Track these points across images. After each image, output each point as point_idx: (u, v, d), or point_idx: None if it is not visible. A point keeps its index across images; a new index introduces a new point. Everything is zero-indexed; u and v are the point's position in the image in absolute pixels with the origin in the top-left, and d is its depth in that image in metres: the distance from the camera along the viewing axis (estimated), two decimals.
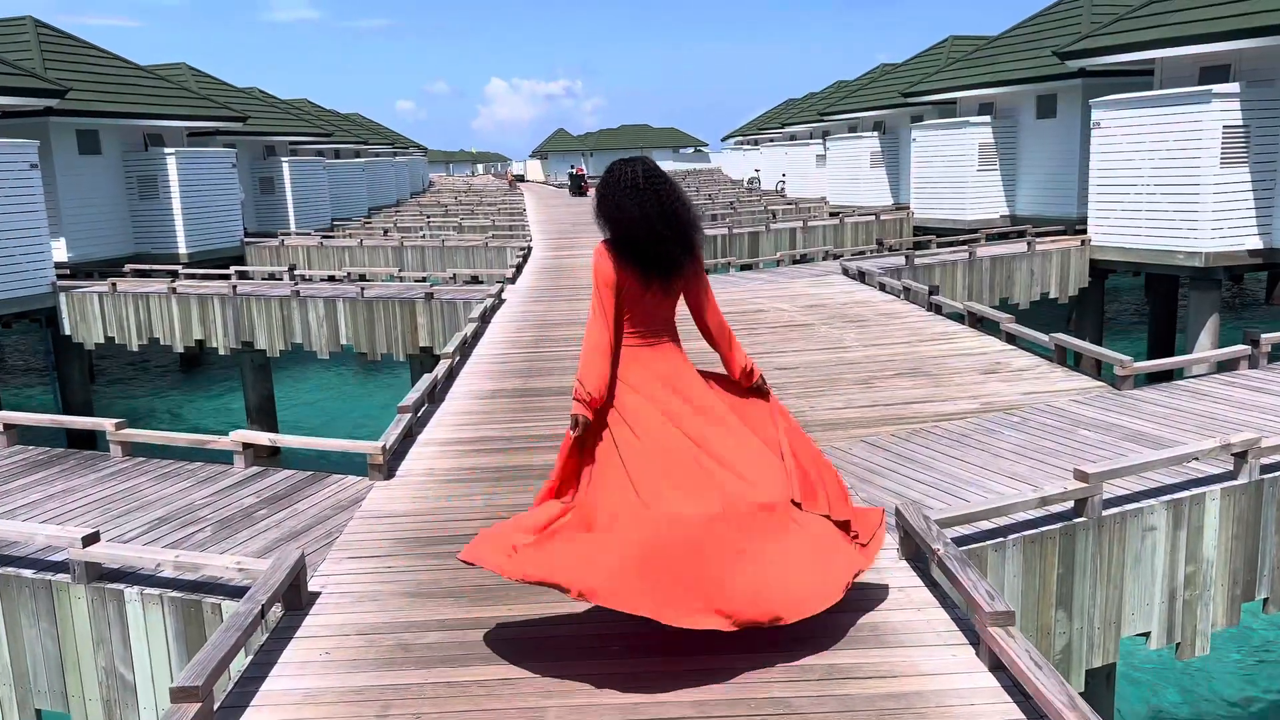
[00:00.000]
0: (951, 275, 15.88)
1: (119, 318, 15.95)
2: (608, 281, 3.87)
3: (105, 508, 5.77)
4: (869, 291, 13.40)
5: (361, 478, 6.16)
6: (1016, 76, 22.63)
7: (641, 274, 3.87)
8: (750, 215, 29.71)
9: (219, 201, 23.74)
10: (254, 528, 5.39)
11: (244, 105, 29.50)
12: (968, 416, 6.97)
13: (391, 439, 6.38)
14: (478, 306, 12.36)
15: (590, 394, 3.80)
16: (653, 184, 3.90)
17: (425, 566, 4.75)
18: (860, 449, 6.34)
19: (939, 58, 31.49)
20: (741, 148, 67.29)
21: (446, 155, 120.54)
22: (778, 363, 9.07)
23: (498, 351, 10.24)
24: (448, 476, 6.13)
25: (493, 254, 22.22)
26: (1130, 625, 5.24)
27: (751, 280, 15.53)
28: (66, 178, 20.70)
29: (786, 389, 8.02)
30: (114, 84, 22.38)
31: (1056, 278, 16.95)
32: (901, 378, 8.24)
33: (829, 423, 6.98)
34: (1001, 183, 23.75)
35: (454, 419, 7.54)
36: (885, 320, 11.02)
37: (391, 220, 33.24)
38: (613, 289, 3.87)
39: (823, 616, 3.71)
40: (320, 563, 4.85)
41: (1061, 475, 5.63)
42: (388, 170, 47.50)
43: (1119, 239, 16.52)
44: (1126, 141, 16.17)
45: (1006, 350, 9.10)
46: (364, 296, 14.53)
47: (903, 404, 7.40)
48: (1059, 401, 7.24)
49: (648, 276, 3.88)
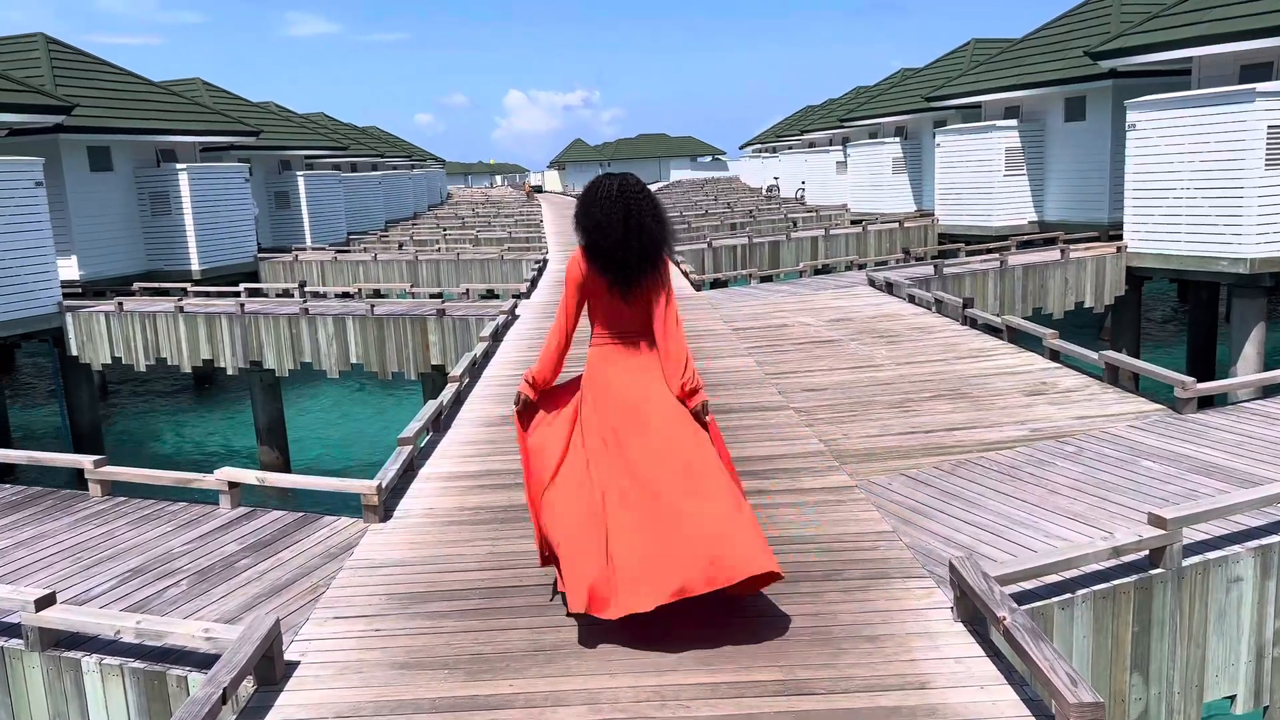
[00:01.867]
0: (982, 285, 15.26)
1: (126, 337, 15.58)
2: (573, 280, 4.26)
3: (76, 557, 5.29)
4: (898, 304, 12.81)
5: (355, 519, 5.66)
6: (1044, 79, 21.98)
7: (605, 279, 4.16)
8: (770, 224, 29.15)
9: (232, 217, 23.43)
10: (233, 580, 4.89)
11: (259, 120, 29.25)
12: (1016, 445, 6.38)
13: (388, 476, 5.88)
14: (489, 324, 11.88)
15: (533, 377, 4.38)
16: (625, 197, 4.17)
17: (418, 628, 4.23)
18: (900, 484, 5.77)
19: (961, 61, 30.87)
20: (760, 155, 66.78)
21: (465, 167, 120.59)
22: (805, 383, 8.51)
23: (509, 373, 9.73)
24: (449, 518, 5.61)
25: (508, 267, 21.77)
26: (1214, 688, 4.65)
27: (774, 292, 14.97)
28: (78, 195, 20.45)
29: (815, 414, 7.46)
30: (126, 100, 22.13)
31: (1092, 286, 16.29)
32: (940, 400, 7.66)
33: (864, 453, 6.42)
34: (1029, 188, 23.10)
35: (459, 449, 7.04)
36: (917, 335, 10.44)
37: (408, 233, 32.92)
38: (576, 289, 4.26)
39: (874, 694, 3.19)
40: (302, 624, 4.35)
41: (1128, 515, 5.05)
42: (405, 183, 47.25)
43: (1157, 245, 15.84)
44: (1165, 144, 15.50)
45: (1051, 368, 8.50)
46: (374, 314, 14.08)
47: (944, 430, 6.83)
48: (1115, 427, 6.64)
49: (610, 282, 4.16)
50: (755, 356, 9.88)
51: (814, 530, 5.13)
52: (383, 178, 41.25)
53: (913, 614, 4.15)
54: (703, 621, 4.08)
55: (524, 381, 4.38)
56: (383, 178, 41.25)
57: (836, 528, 5.15)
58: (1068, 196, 22.25)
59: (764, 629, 4.04)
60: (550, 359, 4.35)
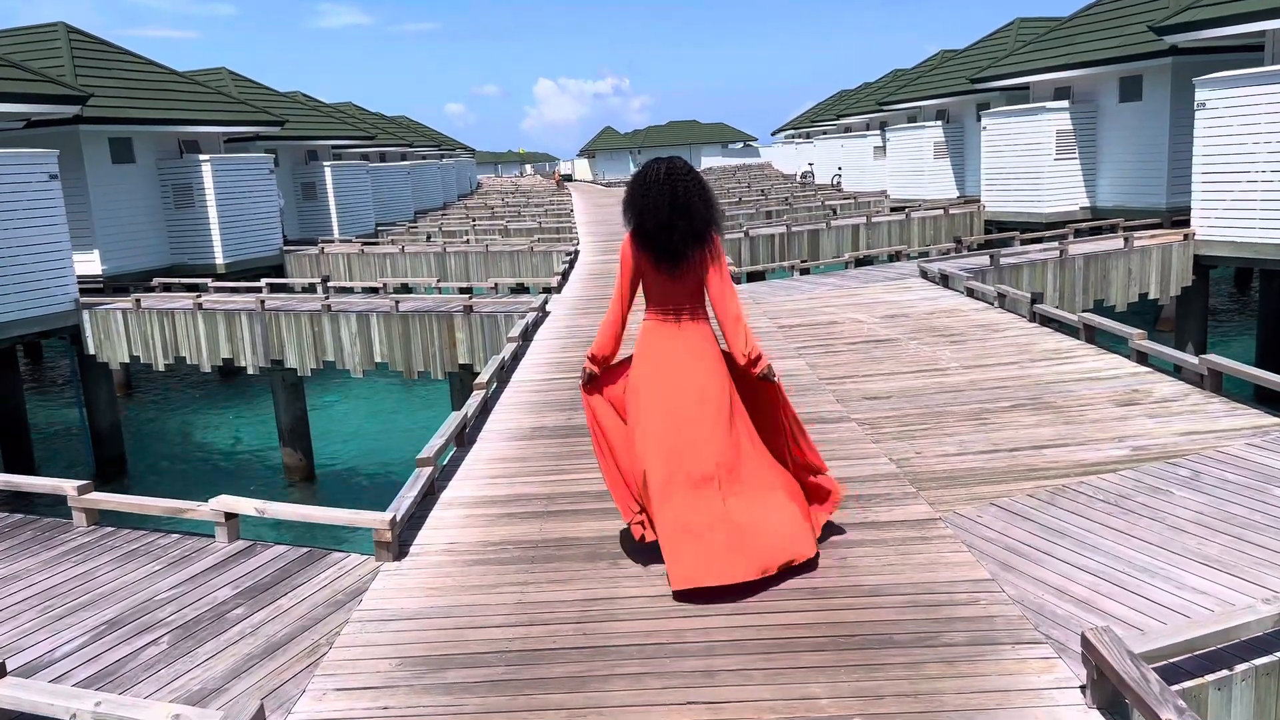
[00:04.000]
0: (1041, 275, 14.34)
1: (144, 335, 15.05)
2: (626, 263, 4.57)
3: (47, 605, 4.64)
4: (955, 298, 11.95)
5: (367, 557, 4.97)
6: (1097, 57, 20.88)
7: (653, 258, 4.45)
8: (808, 211, 28.23)
9: (257, 209, 22.89)
10: (223, 635, 4.22)
11: (285, 110, 28.74)
12: (1119, 468, 5.56)
13: (404, 507, 5.18)
14: (519, 323, 11.17)
15: (594, 353, 4.71)
16: (673, 179, 4.45)
17: (432, 708, 3.52)
18: (993, 517, 4.99)
19: (1005, 41, 29.73)
20: (793, 141, 65.57)
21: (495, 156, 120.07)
22: (866, 389, 7.72)
23: (539, 377, 9.03)
24: (472, 554, 4.90)
25: (538, 259, 21.07)
26: None
27: (819, 286, 14.14)
28: (99, 187, 19.97)
29: (881, 426, 6.68)
30: (148, 90, 21.63)
31: (1157, 276, 15.32)
32: (1020, 411, 6.85)
33: (944, 476, 5.63)
34: (1081, 172, 22.03)
35: (485, 468, 6.34)
36: (983, 334, 9.60)
37: (436, 224, 32.31)
38: (629, 270, 4.56)
39: None
40: (297, 696, 3.66)
41: (1274, 561, 4.25)
42: (434, 173, 46.66)
43: (1229, 232, 14.84)
44: (1238, 123, 14.48)
45: (1140, 373, 7.64)
46: (398, 311, 13.42)
47: (1031, 449, 6.02)
48: (1231, 446, 5.80)
49: (658, 260, 4.43)
50: (806, 358, 9.10)
51: (894, 575, 4.37)
52: (411, 168, 40.68)
53: (1034, 695, 3.39)
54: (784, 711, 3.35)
55: (587, 359, 4.75)
56: (411, 168, 40.68)
57: (924, 573, 4.39)
58: (1122, 181, 21.17)
59: (855, 708, 3.30)
60: (609, 335, 4.70)
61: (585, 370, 4.72)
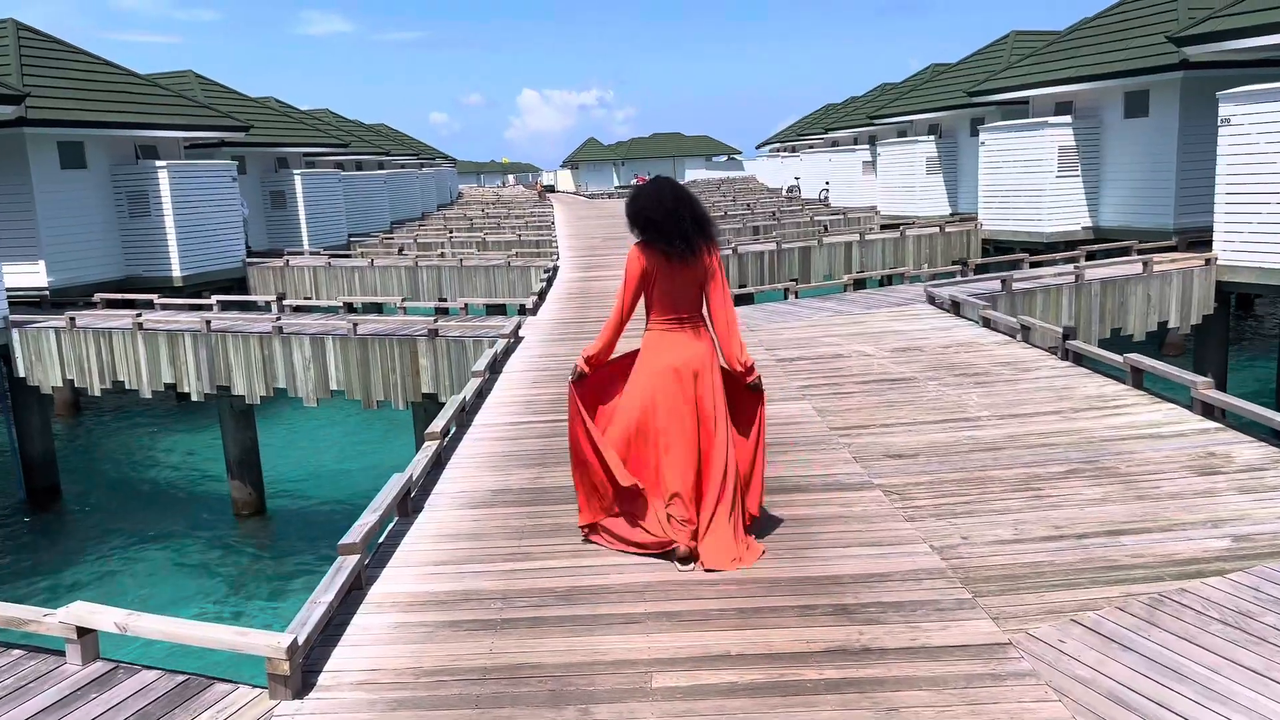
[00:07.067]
0: (1056, 301, 13.27)
1: (78, 357, 13.74)
2: (633, 274, 4.74)
3: None
4: (970, 328, 10.85)
5: (260, 691, 3.76)
6: (1102, 71, 19.93)
7: (665, 253, 4.63)
8: (796, 227, 27.18)
9: (217, 218, 21.58)
10: None
11: (254, 115, 27.43)
12: (1226, 567, 4.42)
13: (313, 619, 3.96)
14: (487, 352, 9.97)
15: (589, 354, 4.94)
16: (672, 186, 4.79)
17: None
18: (1079, 644, 3.82)
19: (999, 55, 28.84)
20: (778, 155, 64.69)
21: (477, 166, 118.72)
22: (887, 444, 6.56)
23: (506, 420, 7.83)
24: (397, 690, 3.70)
25: (515, 274, 19.88)
26: None
27: (817, 311, 12.99)
28: (46, 194, 18.62)
29: (911, 495, 5.52)
30: (102, 91, 20.31)
31: (1177, 304, 14.28)
32: (1078, 478, 5.71)
33: (1003, 575, 4.46)
34: (1084, 190, 21.07)
35: (430, 550, 5.14)
36: (1011, 374, 8.47)
37: (412, 236, 31.05)
38: (636, 281, 4.73)
39: None
40: None
41: None
42: (412, 182, 45.33)
43: (1256, 257, 13.84)
44: (1265, 140, 13.50)
45: (1209, 429, 6.52)
46: (356, 334, 12.19)
47: (1105, 535, 4.87)
48: None
49: (670, 255, 4.62)
50: (812, 400, 7.95)
51: None
52: (388, 177, 39.40)
53: None
54: None
55: (580, 358, 4.93)
56: (388, 177, 39.40)
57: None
58: (1128, 200, 20.21)
59: None
60: (606, 340, 4.93)
61: (577, 369, 4.94)
